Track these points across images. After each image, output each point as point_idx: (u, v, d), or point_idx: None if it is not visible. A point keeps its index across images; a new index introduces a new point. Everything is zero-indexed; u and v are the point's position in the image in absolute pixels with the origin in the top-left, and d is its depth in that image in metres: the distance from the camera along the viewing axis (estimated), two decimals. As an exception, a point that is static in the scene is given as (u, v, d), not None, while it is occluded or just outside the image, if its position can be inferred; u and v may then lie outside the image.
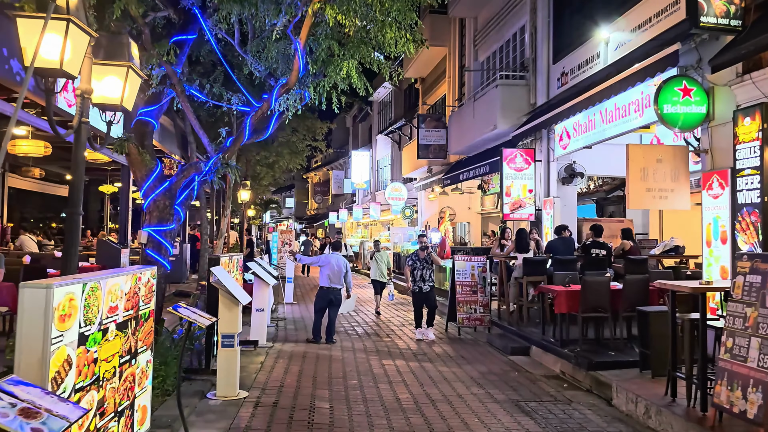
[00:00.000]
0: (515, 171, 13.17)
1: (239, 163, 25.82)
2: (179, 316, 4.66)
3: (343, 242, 14.72)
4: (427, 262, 10.76)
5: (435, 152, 19.35)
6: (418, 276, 10.66)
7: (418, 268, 10.70)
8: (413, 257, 10.88)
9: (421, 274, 10.66)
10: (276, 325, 11.67)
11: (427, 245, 11.00)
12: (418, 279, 10.65)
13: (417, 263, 10.74)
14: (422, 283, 10.65)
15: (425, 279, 10.67)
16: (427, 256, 10.77)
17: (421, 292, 10.68)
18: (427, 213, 25.43)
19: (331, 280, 9.95)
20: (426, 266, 10.72)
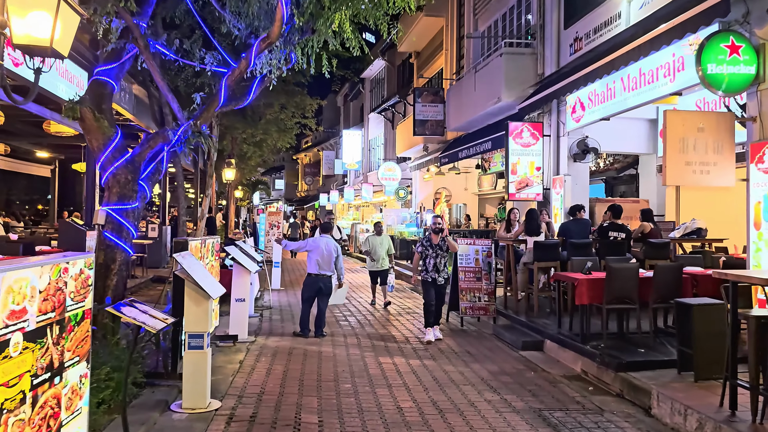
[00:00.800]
0: (522, 147, 12.10)
1: (224, 141, 24.60)
2: (122, 318, 3.57)
3: (335, 225, 13.06)
4: (441, 249, 8.90)
5: (432, 128, 18.23)
6: (430, 265, 8.88)
7: (431, 255, 8.89)
8: (424, 242, 9.03)
9: (435, 262, 8.85)
10: (260, 315, 10.61)
11: (442, 227, 8.93)
12: (430, 268, 8.87)
13: (429, 249, 8.92)
14: (435, 273, 8.86)
15: (439, 269, 8.87)
16: (441, 242, 8.89)
17: (434, 284, 8.86)
18: (422, 194, 24.37)
19: (320, 267, 8.87)
20: (440, 253, 8.90)
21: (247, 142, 25.38)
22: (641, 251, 9.97)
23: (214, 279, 5.61)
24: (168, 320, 3.90)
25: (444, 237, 8.87)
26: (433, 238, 8.93)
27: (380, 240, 12.09)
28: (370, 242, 12.12)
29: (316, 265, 8.87)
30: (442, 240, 8.89)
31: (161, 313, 4.07)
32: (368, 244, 12.14)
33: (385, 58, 29.33)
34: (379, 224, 12.58)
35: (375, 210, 32.85)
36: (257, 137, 24.60)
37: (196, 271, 5.38)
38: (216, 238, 7.67)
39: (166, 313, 4.75)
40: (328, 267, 8.93)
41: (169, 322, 3.89)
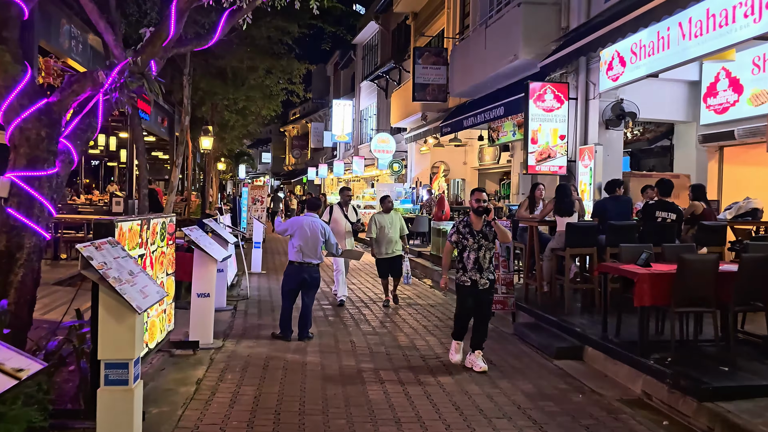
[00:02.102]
0: (544, 111, 10.33)
1: (203, 108, 22.62)
2: None
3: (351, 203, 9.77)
4: (486, 238, 6.20)
5: (433, 94, 16.38)
6: (469, 262, 6.19)
7: (470, 247, 6.18)
8: (461, 228, 6.28)
9: (477, 257, 6.17)
10: (233, 308, 8.86)
11: (488, 208, 6.17)
12: (470, 267, 6.19)
13: (467, 238, 6.19)
14: (476, 273, 6.18)
15: (482, 267, 6.18)
16: (486, 228, 6.22)
17: (474, 289, 6.19)
18: (418, 168, 22.59)
19: (303, 253, 7.14)
20: (484, 244, 6.19)
21: (229, 109, 23.42)
22: (691, 235, 8.32)
23: (149, 280, 3.84)
24: (22, 373, 2.15)
25: (488, 223, 6.21)
26: (473, 222, 6.23)
27: (389, 219, 9.46)
28: (377, 223, 9.37)
29: (298, 252, 7.13)
30: (487, 225, 6.21)
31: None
32: (375, 227, 9.35)
33: (378, 22, 27.27)
34: (387, 199, 9.72)
35: (366, 185, 31.05)
36: (240, 104, 22.66)
37: (120, 269, 3.61)
38: (168, 217, 5.87)
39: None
40: (314, 254, 7.18)
41: (22, 376, 2.14)
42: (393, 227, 9.42)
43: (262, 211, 20.09)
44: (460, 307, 6.41)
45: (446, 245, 6.49)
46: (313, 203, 7.87)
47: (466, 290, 6.25)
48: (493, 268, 6.32)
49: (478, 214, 6.21)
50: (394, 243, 9.41)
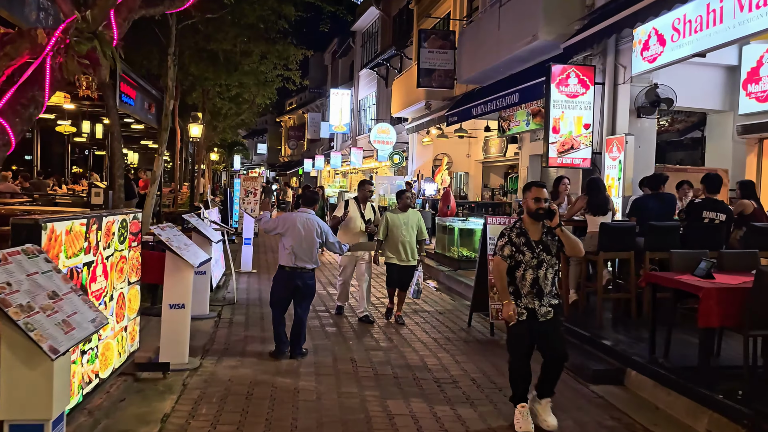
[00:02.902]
0: (567, 97, 9.28)
1: (194, 94, 21.49)
2: None
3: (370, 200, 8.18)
4: (548, 251, 4.45)
5: (439, 80, 15.29)
6: (525, 284, 4.44)
7: (527, 263, 4.43)
8: (513, 236, 4.48)
9: (534, 277, 4.43)
10: (217, 316, 7.80)
11: (552, 210, 4.36)
12: (525, 291, 4.45)
13: (523, 251, 4.42)
14: (534, 298, 4.44)
15: (542, 290, 4.44)
16: (549, 238, 4.47)
17: (532, 321, 4.45)
18: (420, 160, 21.54)
19: (296, 256, 6.05)
20: (545, 260, 4.45)
21: (221, 96, 22.30)
22: (738, 238, 7.31)
23: (82, 304, 2.79)
24: None
25: (554, 228, 4.40)
26: (528, 230, 4.45)
27: (404, 219, 7.70)
28: (390, 222, 7.67)
29: (290, 255, 6.04)
30: (548, 234, 4.46)
31: None
32: (386, 227, 7.69)
33: (379, 7, 26.11)
34: (404, 195, 7.91)
35: (364, 177, 30.00)
36: (232, 91, 21.54)
37: (34, 292, 2.55)
38: (130, 213, 4.80)
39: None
40: (309, 257, 6.10)
41: None
42: (409, 229, 7.67)
43: (255, 204, 19.00)
44: (515, 351, 4.50)
45: (496, 262, 4.47)
46: (309, 198, 6.58)
47: (521, 326, 4.40)
48: (556, 291, 4.56)
49: (536, 218, 4.40)
50: (409, 249, 7.67)
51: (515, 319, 4.40)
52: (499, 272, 4.47)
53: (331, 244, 6.37)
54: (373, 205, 8.19)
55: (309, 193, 6.90)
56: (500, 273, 4.46)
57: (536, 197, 4.39)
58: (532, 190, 4.45)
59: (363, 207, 7.98)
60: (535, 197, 4.39)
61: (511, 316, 4.38)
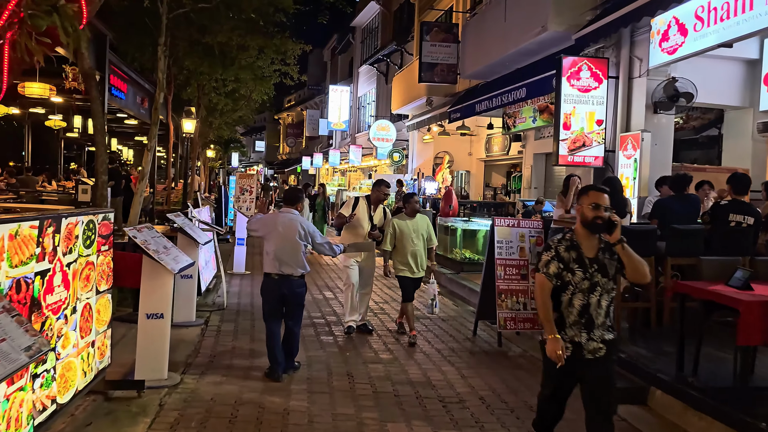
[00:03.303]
0: (579, 92, 8.75)
1: (189, 89, 20.94)
2: None
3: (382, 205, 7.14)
4: (603, 272, 3.46)
5: (442, 74, 14.74)
6: (572, 310, 3.46)
7: (576, 285, 3.45)
8: (562, 250, 3.48)
9: (584, 303, 3.45)
10: (204, 323, 7.25)
11: (613, 222, 3.36)
12: (572, 320, 3.46)
13: (572, 270, 3.45)
14: (582, 330, 3.46)
15: (592, 320, 3.45)
16: (606, 255, 3.48)
17: (577, 358, 3.47)
18: (420, 158, 21.01)
19: (279, 262, 5.42)
20: (599, 282, 3.45)
21: (217, 91, 21.75)
22: (765, 242, 6.79)
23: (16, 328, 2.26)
24: None
25: (614, 243, 3.41)
26: (581, 243, 3.49)
27: (413, 226, 6.88)
28: (397, 230, 6.86)
29: (273, 261, 5.45)
30: (606, 250, 3.50)
31: None
32: (393, 236, 6.87)
33: (380, 2, 25.56)
34: (413, 198, 6.98)
35: (363, 176, 29.45)
36: (229, 86, 20.98)
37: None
38: (100, 213, 4.26)
39: None
40: (294, 262, 5.45)
41: None
42: (419, 237, 6.88)
43: (251, 202, 18.47)
44: (549, 386, 3.71)
45: (539, 282, 3.51)
46: (290, 196, 5.76)
47: (563, 368, 3.43)
48: (611, 323, 3.52)
49: (593, 229, 3.42)
50: (419, 259, 6.89)
51: (563, 359, 3.39)
52: (543, 295, 3.47)
53: (320, 246, 5.63)
54: (386, 209, 7.18)
55: (290, 190, 5.99)
56: (544, 296, 3.47)
57: (595, 203, 3.40)
58: (590, 195, 3.46)
59: (373, 210, 7.06)
60: (593, 203, 3.40)
61: (559, 356, 3.38)
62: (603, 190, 3.50)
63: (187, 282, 7.03)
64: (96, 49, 12.70)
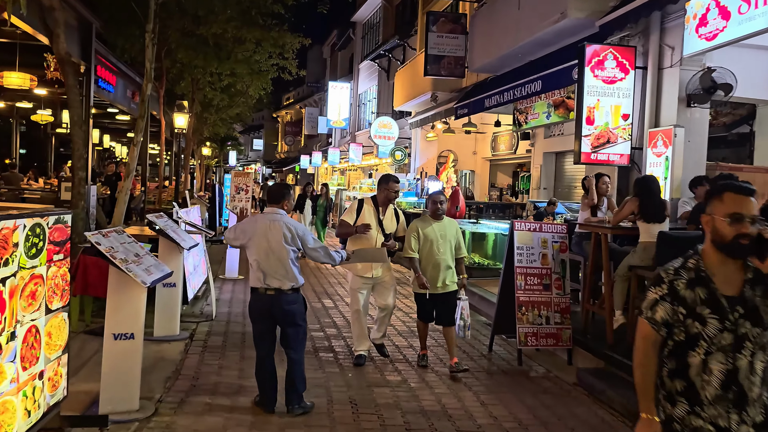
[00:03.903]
0: (603, 83, 7.99)
1: (182, 83, 20.15)
2: None
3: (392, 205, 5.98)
4: (754, 318, 2.24)
5: (449, 68, 13.97)
6: (710, 379, 2.25)
7: (710, 340, 2.26)
8: (680, 285, 2.30)
9: (729, 368, 2.24)
10: (189, 338, 6.47)
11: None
12: (710, 395, 2.25)
13: (701, 317, 2.27)
14: (729, 409, 2.23)
15: (745, 393, 2.23)
16: (758, 294, 2.26)
17: None
18: (423, 157, 20.26)
19: (265, 274, 4.48)
20: (748, 333, 2.24)
21: (213, 86, 20.99)
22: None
23: None
24: None
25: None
26: (714, 274, 2.28)
27: (441, 231, 5.72)
28: (420, 234, 5.69)
29: (257, 273, 4.52)
30: (756, 283, 2.26)
31: None
32: (415, 241, 5.69)
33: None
34: (437, 197, 5.82)
35: (363, 175, 28.69)
36: (224, 80, 20.22)
37: None
38: (55, 215, 3.49)
39: None
40: (283, 274, 4.47)
41: None
42: (446, 244, 5.72)
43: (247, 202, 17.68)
44: None
45: (639, 329, 2.41)
46: (274, 193, 4.74)
47: None
48: (763, 404, 2.28)
49: (736, 253, 2.27)
50: (445, 269, 5.70)
51: None
52: (644, 350, 2.37)
53: (314, 252, 4.61)
54: (397, 210, 5.99)
55: (275, 186, 5.02)
56: (645, 352, 2.37)
57: (736, 214, 2.24)
58: (726, 200, 2.28)
59: (382, 213, 5.80)
60: (733, 213, 2.24)
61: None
62: (747, 191, 2.29)
63: (170, 291, 6.27)
64: (81, 37, 11.94)
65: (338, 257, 4.96)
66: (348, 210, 5.95)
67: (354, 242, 5.77)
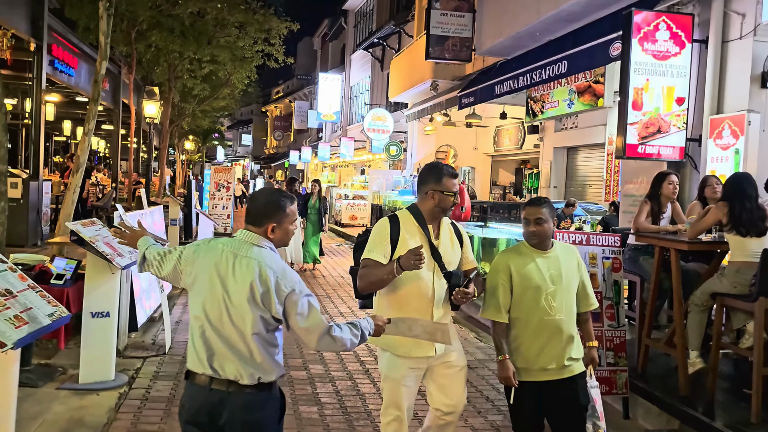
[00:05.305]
0: (654, 59, 6.50)
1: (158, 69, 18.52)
2: None
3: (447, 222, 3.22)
4: None
5: (454, 50, 12.45)
6: None
7: None
8: None
9: None
10: (128, 383, 4.89)
11: None
12: None
13: None
14: None
15: None
16: None
17: None
18: (420, 152, 18.80)
19: (211, 349, 2.42)
20: None
21: (193, 74, 19.42)
22: None
23: None
24: None
25: None
26: None
27: (546, 268, 3.10)
28: (516, 276, 3.12)
29: (199, 342, 2.45)
30: None
31: None
32: (505, 290, 3.10)
33: None
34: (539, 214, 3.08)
35: (355, 171, 27.19)
36: (205, 68, 18.67)
37: None
38: None
39: None
40: (243, 353, 2.42)
41: None
42: (561, 290, 3.11)
43: (228, 200, 16.12)
44: None
45: None
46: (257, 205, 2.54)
47: None
48: None
49: None
50: (562, 338, 3.11)
51: None
52: None
53: (306, 333, 2.42)
54: (457, 227, 3.28)
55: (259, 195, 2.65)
56: None
57: None
58: None
59: (435, 233, 3.13)
60: None
61: None
62: None
63: (101, 323, 4.71)
64: (30, 10, 10.35)
65: (356, 337, 2.50)
66: (372, 240, 3.09)
67: (391, 298, 3.09)
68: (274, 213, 2.50)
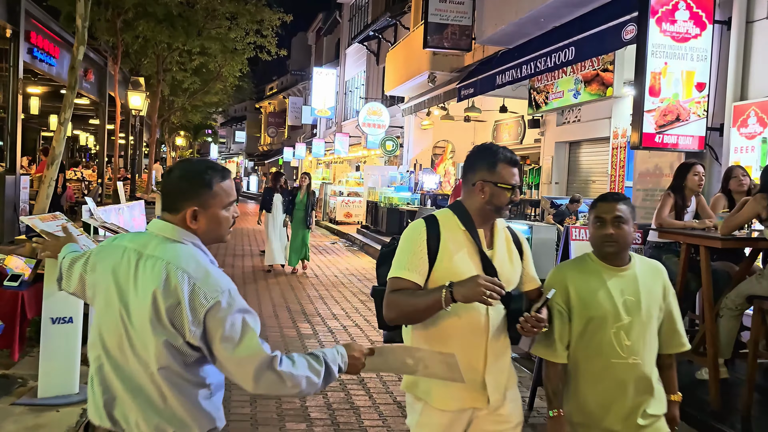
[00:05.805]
0: (673, 41, 6.02)
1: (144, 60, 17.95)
2: None
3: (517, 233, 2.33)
4: None
5: (453, 39, 11.95)
6: None
7: None
8: None
9: None
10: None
11: None
12: None
13: None
14: None
15: None
16: None
17: None
18: (417, 147, 18.29)
19: (110, 392, 1.72)
20: None
21: (182, 66, 18.86)
22: None
23: None
24: None
25: None
26: None
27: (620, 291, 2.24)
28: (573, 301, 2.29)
29: (97, 387, 1.77)
30: None
31: None
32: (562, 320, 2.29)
33: None
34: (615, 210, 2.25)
35: (350, 167, 26.67)
36: (195, 60, 18.12)
37: None
38: None
39: None
40: (151, 399, 1.68)
41: None
42: (640, 322, 2.22)
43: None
44: None
45: None
46: (170, 185, 1.76)
47: None
48: None
49: None
50: (639, 388, 2.25)
51: None
52: None
53: (237, 365, 1.67)
54: (515, 232, 2.33)
55: (175, 170, 1.80)
56: None
57: None
58: None
59: (488, 241, 2.21)
60: None
61: None
62: None
63: (64, 330, 4.19)
64: (6, -7, 9.79)
65: (316, 374, 1.76)
66: (402, 251, 2.18)
67: (430, 332, 2.18)
68: (194, 191, 1.71)
